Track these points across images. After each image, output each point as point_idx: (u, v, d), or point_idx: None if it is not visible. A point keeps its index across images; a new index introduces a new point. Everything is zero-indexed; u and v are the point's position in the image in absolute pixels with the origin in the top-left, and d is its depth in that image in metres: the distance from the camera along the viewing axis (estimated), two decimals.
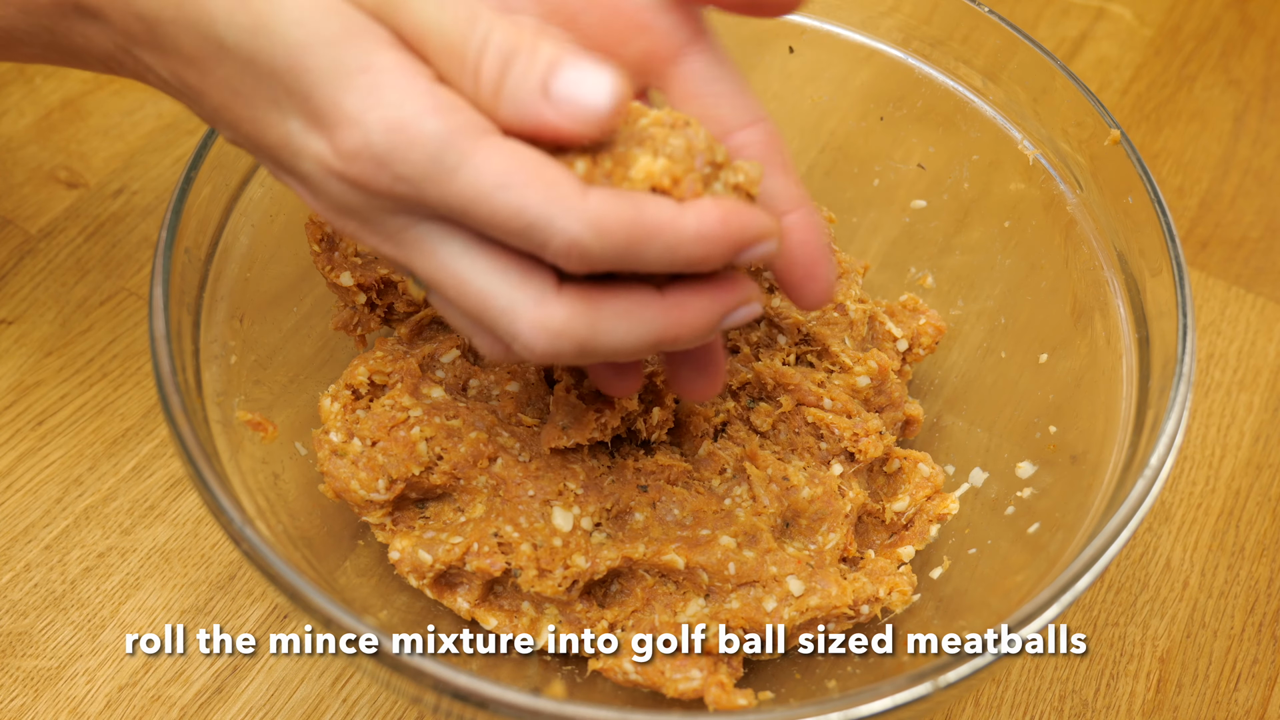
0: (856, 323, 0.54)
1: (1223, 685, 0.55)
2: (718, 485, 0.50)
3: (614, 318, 0.36)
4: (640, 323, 0.36)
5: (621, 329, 0.36)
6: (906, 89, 0.58)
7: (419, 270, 0.36)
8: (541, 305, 0.35)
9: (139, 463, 0.58)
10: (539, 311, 0.35)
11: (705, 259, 0.35)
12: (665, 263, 0.34)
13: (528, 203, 0.33)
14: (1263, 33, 0.83)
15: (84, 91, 0.72)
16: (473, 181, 0.33)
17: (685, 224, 0.34)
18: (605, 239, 0.33)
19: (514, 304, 0.35)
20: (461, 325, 0.38)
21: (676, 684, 0.45)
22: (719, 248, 0.35)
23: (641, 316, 0.36)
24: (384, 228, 0.36)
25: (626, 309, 0.36)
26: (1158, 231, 0.48)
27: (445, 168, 0.33)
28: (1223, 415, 0.64)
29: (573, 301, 0.35)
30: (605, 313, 0.35)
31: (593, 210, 0.33)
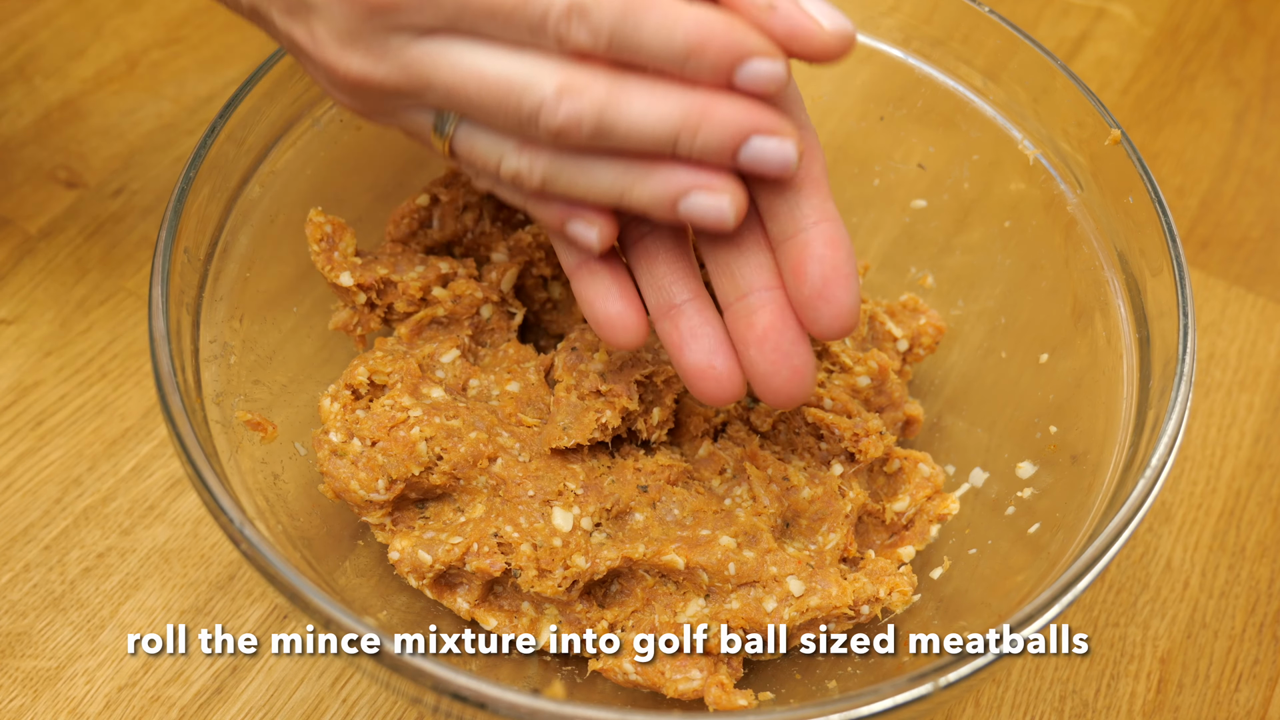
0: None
1: (1223, 686, 0.55)
2: (718, 485, 0.50)
3: (638, 87, 0.36)
4: (664, 98, 0.36)
5: (644, 100, 0.36)
6: (906, 89, 0.58)
7: (434, 80, 0.37)
8: (564, 68, 0.36)
9: (138, 463, 0.58)
10: (562, 73, 0.35)
11: (702, 49, 0.35)
12: (661, 44, 0.35)
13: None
14: (1263, 32, 0.83)
15: (84, 91, 0.72)
16: None
17: (685, 8, 0.35)
18: (604, 2, 0.34)
19: (537, 71, 0.36)
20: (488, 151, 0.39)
21: (676, 684, 0.45)
22: (719, 42, 0.35)
23: (667, 93, 0.36)
24: (388, 48, 0.37)
25: (651, 83, 0.36)
26: (1158, 231, 0.48)
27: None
28: (1223, 415, 0.64)
29: (595, 67, 0.36)
30: (629, 81, 0.36)
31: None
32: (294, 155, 0.52)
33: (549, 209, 0.41)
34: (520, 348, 0.53)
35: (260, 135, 0.51)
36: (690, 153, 0.37)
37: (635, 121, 0.36)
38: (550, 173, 0.38)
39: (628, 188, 0.38)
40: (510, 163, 0.39)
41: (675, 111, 0.36)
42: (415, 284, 0.51)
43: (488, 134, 0.39)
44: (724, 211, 0.38)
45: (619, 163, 0.38)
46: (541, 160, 0.38)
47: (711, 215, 0.38)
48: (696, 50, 0.35)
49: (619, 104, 0.36)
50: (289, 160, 0.52)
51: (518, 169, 0.38)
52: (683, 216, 0.38)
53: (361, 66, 0.38)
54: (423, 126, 0.40)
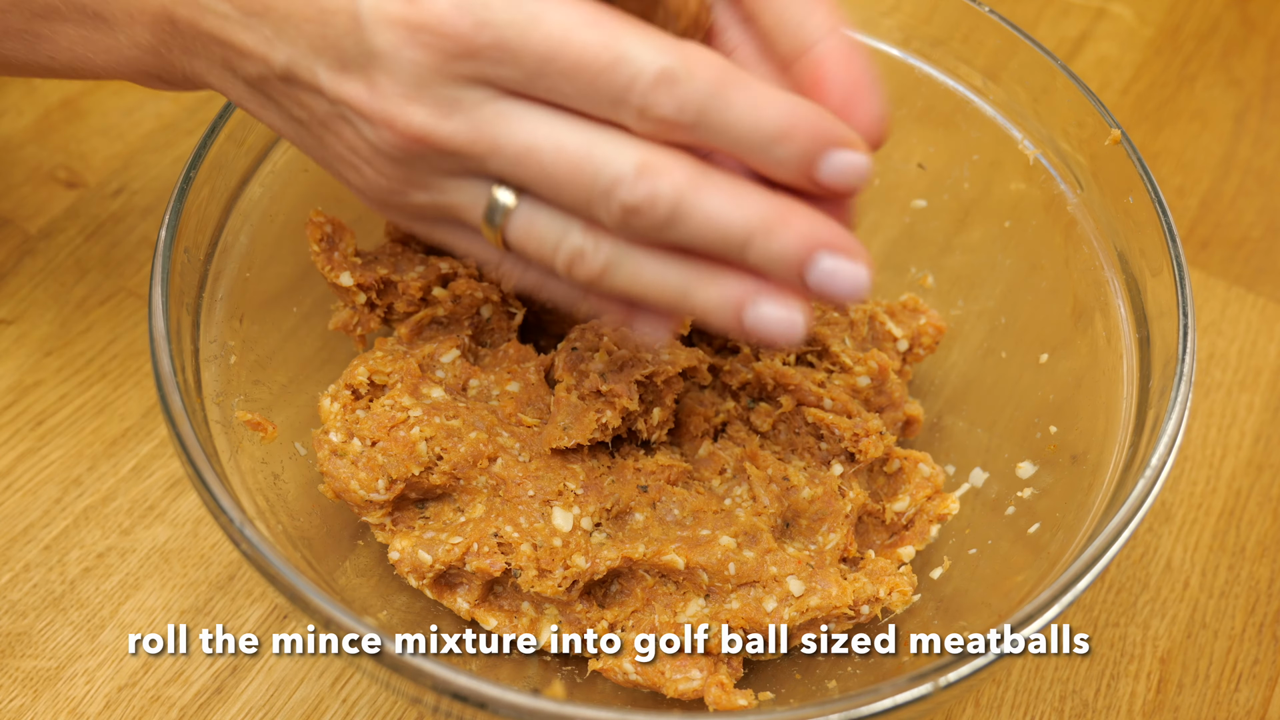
0: (857, 323, 0.54)
1: (1223, 686, 0.55)
2: (718, 485, 0.50)
3: (719, 180, 0.34)
4: (745, 196, 0.34)
5: (723, 195, 0.34)
6: (906, 89, 0.58)
7: (505, 142, 0.35)
8: (645, 148, 0.34)
9: (138, 463, 0.58)
10: (644, 151, 0.34)
11: (790, 134, 0.34)
12: (750, 125, 0.33)
13: (618, 36, 0.33)
14: (1263, 32, 0.83)
15: (83, 91, 0.72)
16: (558, 21, 0.33)
17: (774, 91, 0.34)
18: (696, 72, 0.33)
19: (617, 145, 0.34)
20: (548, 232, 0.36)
21: (676, 684, 0.45)
22: (806, 128, 0.34)
23: (747, 192, 0.34)
24: (461, 104, 0.35)
25: (733, 181, 0.34)
26: (1158, 231, 0.48)
27: (528, 11, 0.33)
28: (1223, 415, 0.64)
29: (678, 154, 0.34)
30: (711, 175, 0.34)
31: (685, 47, 0.33)
32: (294, 155, 0.52)
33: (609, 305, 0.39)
34: (520, 348, 0.53)
35: (260, 135, 0.51)
36: (761, 259, 0.35)
37: (711, 214, 0.34)
38: (613, 259, 0.36)
39: (691, 288, 0.36)
40: (573, 242, 0.36)
41: (754, 212, 0.34)
42: (415, 284, 0.51)
43: (550, 214, 0.36)
44: (795, 324, 0.36)
45: (685, 262, 0.36)
46: (606, 246, 0.36)
47: (781, 328, 0.36)
48: (785, 135, 0.34)
49: (698, 192, 0.34)
50: (289, 160, 0.52)
51: (581, 249, 0.36)
52: (748, 327, 0.36)
53: (426, 120, 0.35)
54: (471, 207, 0.37)
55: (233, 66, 0.38)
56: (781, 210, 0.34)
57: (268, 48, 0.37)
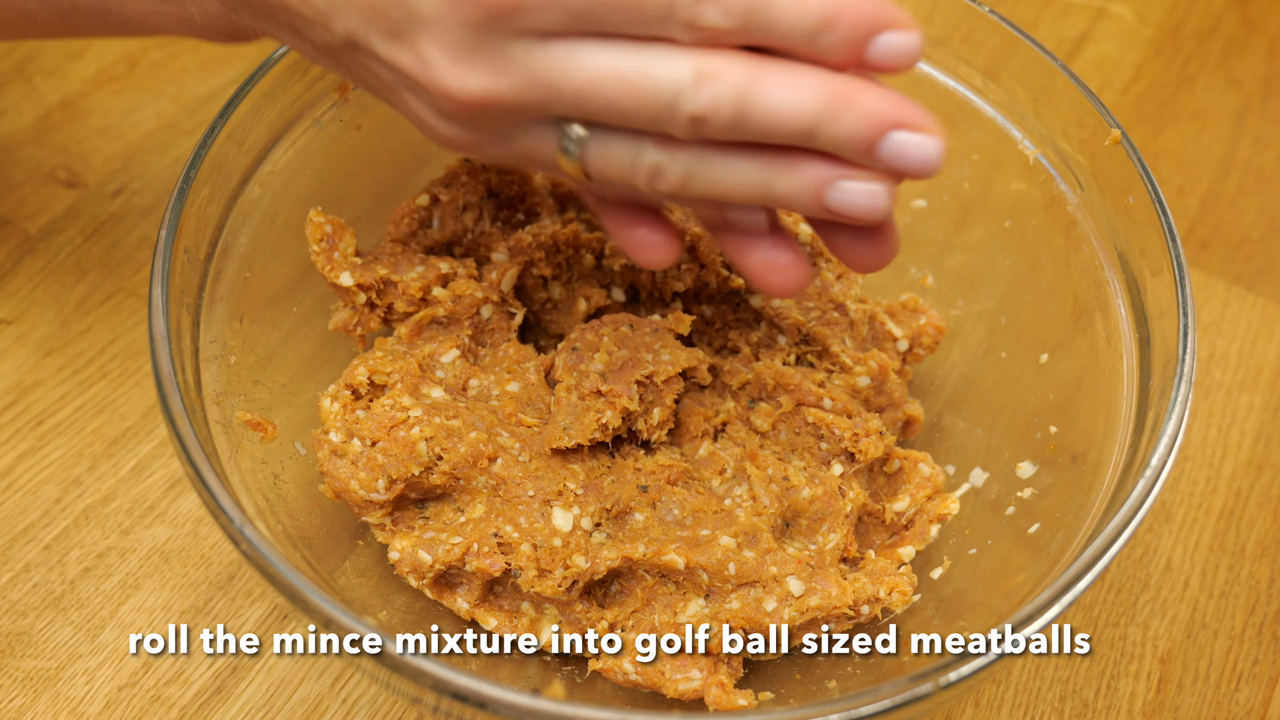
0: (856, 323, 0.54)
1: (1223, 686, 0.55)
2: (718, 485, 0.50)
3: (778, 71, 0.35)
4: (805, 83, 0.34)
5: (783, 85, 0.34)
6: (907, 89, 0.58)
7: (563, 85, 0.35)
8: (699, 56, 0.34)
9: (138, 463, 0.58)
10: (698, 60, 0.34)
11: (835, 22, 0.34)
12: (793, 18, 0.34)
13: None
14: (1263, 32, 0.83)
15: (83, 91, 0.72)
16: None
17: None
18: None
19: (672, 61, 0.34)
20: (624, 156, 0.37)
21: (676, 684, 0.45)
22: (851, 13, 0.34)
23: (808, 78, 0.35)
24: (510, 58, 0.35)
25: (792, 68, 0.35)
26: (1158, 231, 0.48)
27: None
28: (1223, 415, 0.64)
29: (732, 53, 0.35)
30: (768, 66, 0.35)
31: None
32: (294, 155, 0.52)
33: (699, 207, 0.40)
34: (520, 348, 0.53)
35: (260, 135, 0.51)
36: (830, 142, 0.35)
37: (775, 107, 0.34)
38: (691, 168, 0.37)
39: (770, 181, 0.36)
40: (649, 158, 0.37)
41: (817, 97, 0.34)
42: (415, 284, 0.51)
43: (622, 138, 0.37)
44: (877, 198, 0.36)
45: (760, 156, 0.36)
46: (681, 156, 0.37)
47: (863, 203, 0.36)
48: (830, 22, 0.34)
49: (758, 88, 0.34)
50: (289, 160, 0.52)
51: (658, 164, 0.37)
52: (832, 207, 0.36)
53: (482, 83, 0.35)
54: (546, 149, 0.38)
55: (301, 32, 0.39)
56: (844, 91, 0.35)
57: (328, 17, 0.37)
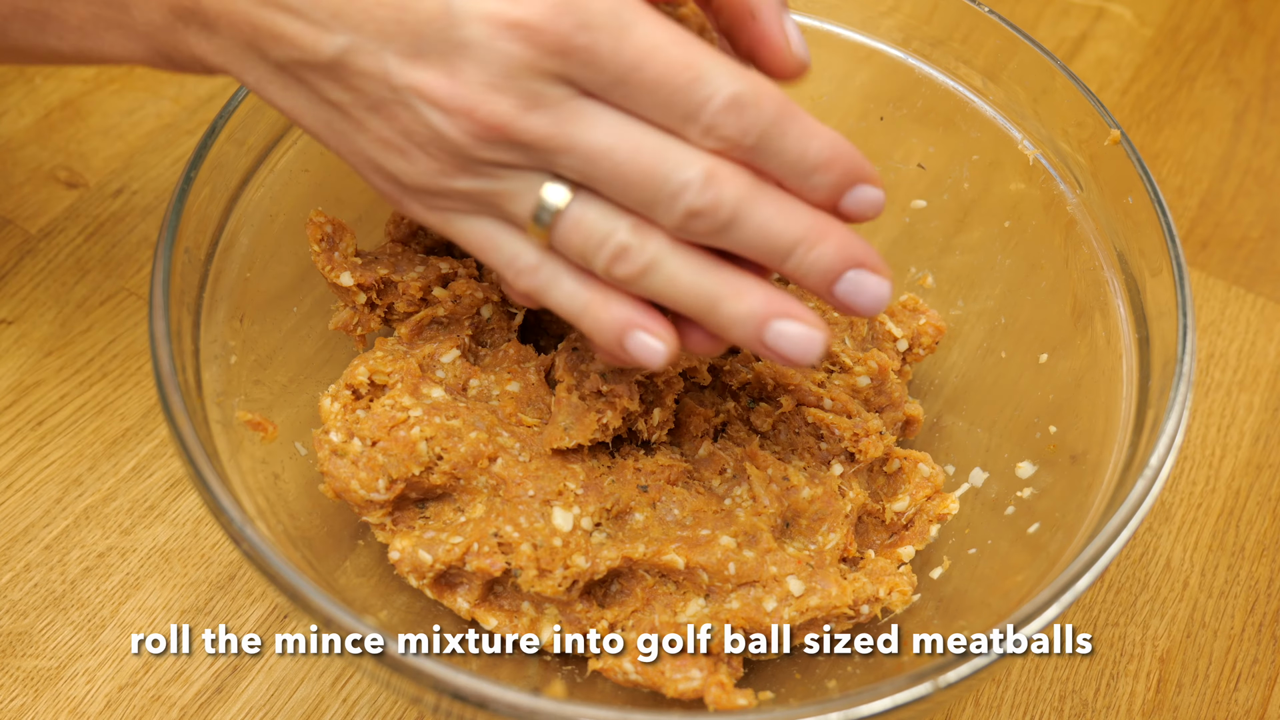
0: (856, 323, 0.54)
1: (1223, 685, 0.55)
2: (718, 485, 0.50)
3: (773, 195, 0.38)
4: (794, 210, 0.38)
5: (776, 207, 0.38)
6: (906, 89, 0.58)
7: (582, 139, 0.37)
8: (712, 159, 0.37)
9: (139, 463, 0.58)
10: (709, 161, 0.37)
11: (830, 165, 0.38)
12: (797, 154, 0.37)
13: (699, 57, 0.36)
14: (1263, 33, 0.83)
15: (84, 91, 0.72)
16: (648, 35, 0.36)
17: (821, 125, 0.38)
18: (761, 102, 0.36)
19: (689, 156, 0.37)
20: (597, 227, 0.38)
21: (676, 684, 0.45)
22: (843, 162, 0.38)
23: (796, 208, 0.38)
24: (546, 98, 0.36)
25: (783, 195, 0.38)
26: (1158, 231, 0.48)
27: (623, 21, 0.36)
28: (1223, 415, 0.64)
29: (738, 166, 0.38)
30: (766, 189, 0.38)
31: (754, 77, 0.37)
32: (294, 155, 0.52)
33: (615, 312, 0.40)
34: (520, 348, 0.53)
35: (260, 135, 0.51)
36: (800, 267, 0.38)
37: (763, 223, 0.38)
38: (658, 258, 0.38)
39: (721, 298, 0.39)
40: (620, 237, 0.38)
41: (800, 225, 0.38)
42: (415, 284, 0.51)
43: (602, 210, 0.38)
44: (814, 344, 0.39)
45: (724, 270, 0.39)
46: (652, 246, 0.38)
47: (800, 347, 0.39)
48: (826, 165, 0.38)
49: (755, 202, 0.37)
50: (289, 160, 0.52)
51: (627, 245, 0.38)
52: (768, 343, 0.39)
53: (509, 111, 0.36)
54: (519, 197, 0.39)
55: (259, 48, 0.39)
56: (823, 226, 0.38)
57: (317, 33, 0.37)
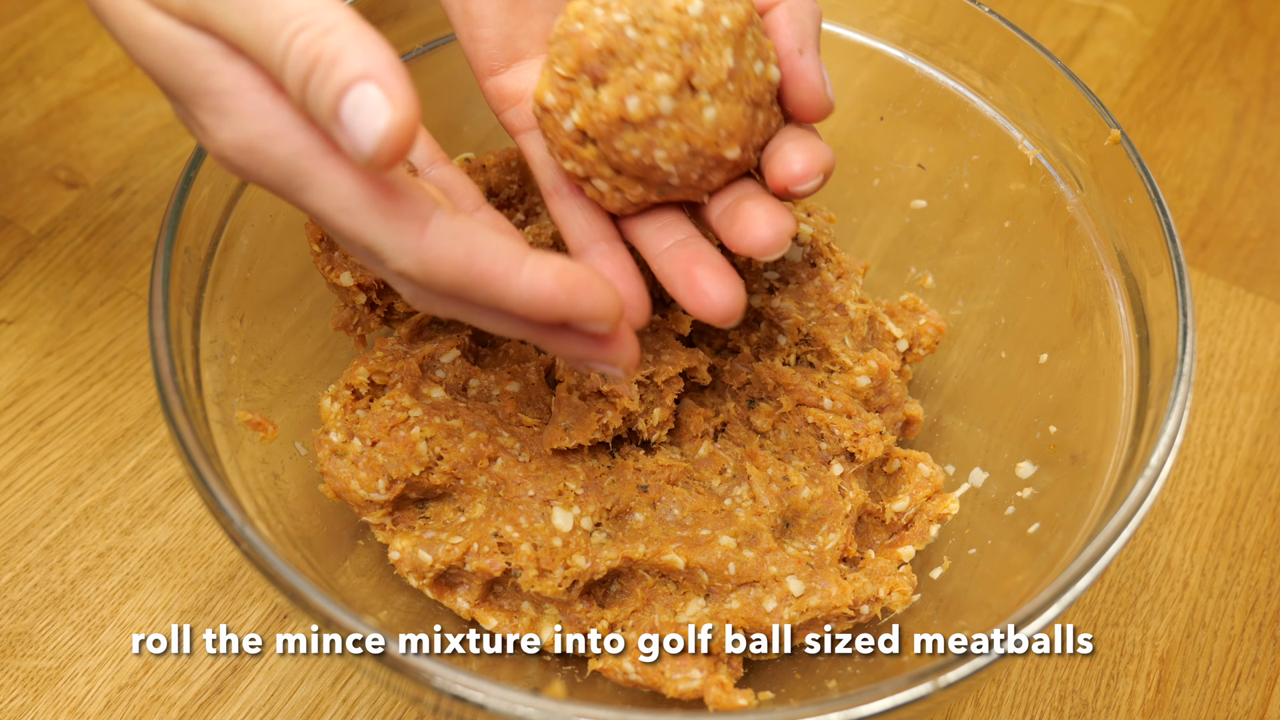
0: (856, 323, 0.54)
1: (1223, 685, 0.55)
2: (718, 485, 0.50)
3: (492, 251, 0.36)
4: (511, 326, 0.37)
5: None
6: (906, 89, 0.58)
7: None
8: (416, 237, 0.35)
9: (139, 463, 0.58)
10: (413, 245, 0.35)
11: (531, 318, 0.36)
12: (495, 310, 0.36)
13: (366, 230, 0.35)
14: (1263, 33, 0.83)
15: (84, 91, 0.72)
16: (318, 202, 0.35)
17: (514, 283, 0.35)
18: (433, 279, 0.35)
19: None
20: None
21: (676, 684, 0.45)
22: (546, 313, 0.35)
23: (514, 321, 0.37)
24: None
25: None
26: (1158, 231, 0.48)
27: (294, 187, 0.35)
28: (1223, 415, 0.64)
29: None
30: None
31: (425, 250, 0.35)
32: None
33: None
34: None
35: None
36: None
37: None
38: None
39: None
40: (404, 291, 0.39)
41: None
42: None
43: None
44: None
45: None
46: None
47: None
48: (523, 328, 0.37)
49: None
50: None
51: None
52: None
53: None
54: None
55: None
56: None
57: None
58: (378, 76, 0.32)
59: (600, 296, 0.36)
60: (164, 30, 0.35)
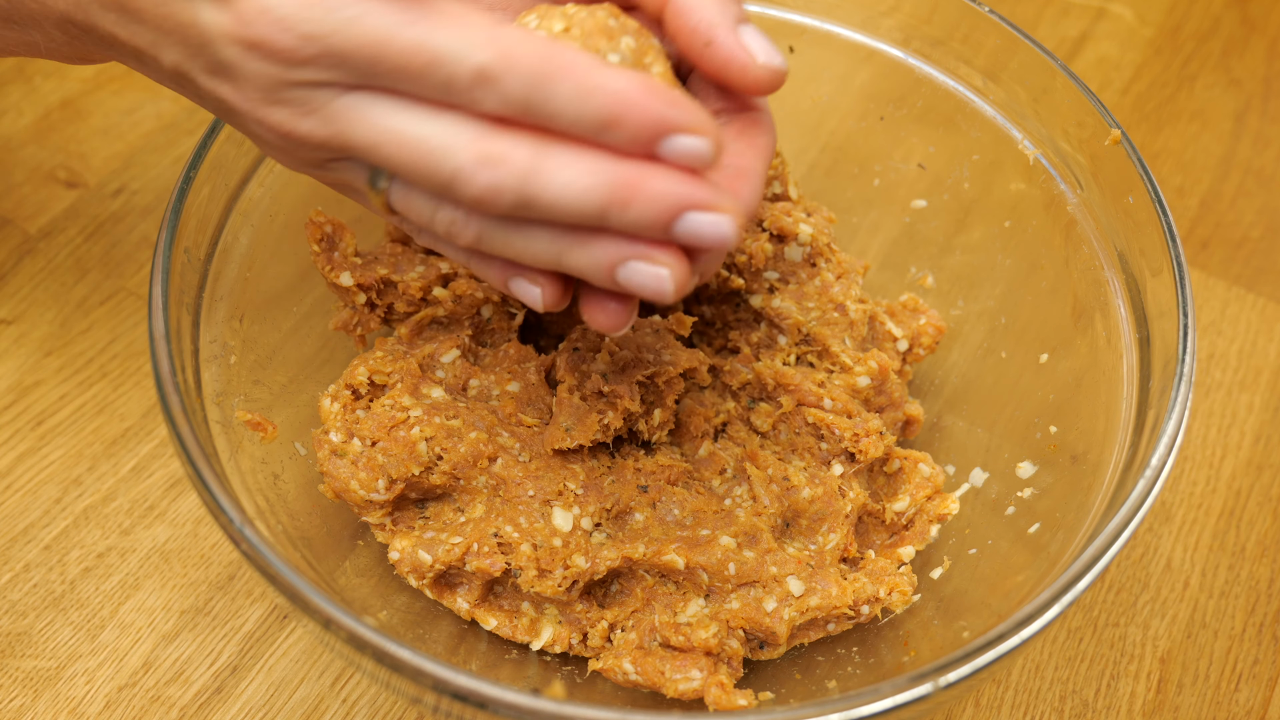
0: (856, 323, 0.54)
1: (1223, 686, 0.55)
2: (718, 485, 0.50)
3: (563, 157, 0.34)
4: (591, 170, 0.34)
5: (569, 173, 0.34)
6: (906, 89, 0.58)
7: (355, 139, 0.36)
8: (482, 136, 0.34)
9: (138, 463, 0.58)
10: (480, 142, 0.34)
11: (619, 121, 0.33)
12: (575, 114, 0.33)
13: (435, 35, 0.33)
14: (1263, 32, 0.83)
15: (83, 91, 0.72)
16: (376, 23, 0.34)
17: (602, 75, 0.33)
18: (514, 68, 0.33)
19: (453, 136, 0.34)
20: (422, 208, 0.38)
21: (676, 684, 0.45)
22: (636, 114, 0.33)
23: (595, 164, 0.34)
24: (311, 103, 0.36)
25: (578, 153, 0.34)
26: (1158, 231, 0.48)
27: (345, 17, 0.34)
28: (1223, 415, 0.64)
29: (516, 134, 0.34)
30: (554, 150, 0.34)
31: (503, 40, 0.33)
32: None
33: (489, 269, 0.40)
34: (521, 348, 0.53)
35: None
36: (622, 227, 0.35)
37: (559, 195, 0.34)
38: (483, 233, 0.37)
39: (562, 253, 0.36)
40: (443, 218, 0.37)
41: (603, 185, 0.34)
42: (415, 284, 0.51)
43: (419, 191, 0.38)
44: (663, 282, 0.36)
45: (553, 229, 0.36)
46: (474, 222, 0.37)
47: (651, 285, 0.36)
48: (613, 122, 0.33)
49: (541, 176, 0.34)
50: None
51: (451, 225, 0.37)
52: (621, 285, 0.36)
53: (286, 120, 0.36)
54: (357, 182, 0.39)
55: (143, 61, 0.40)
56: (633, 178, 0.34)
57: (156, 51, 0.38)
58: None
59: (690, 106, 0.34)
60: None
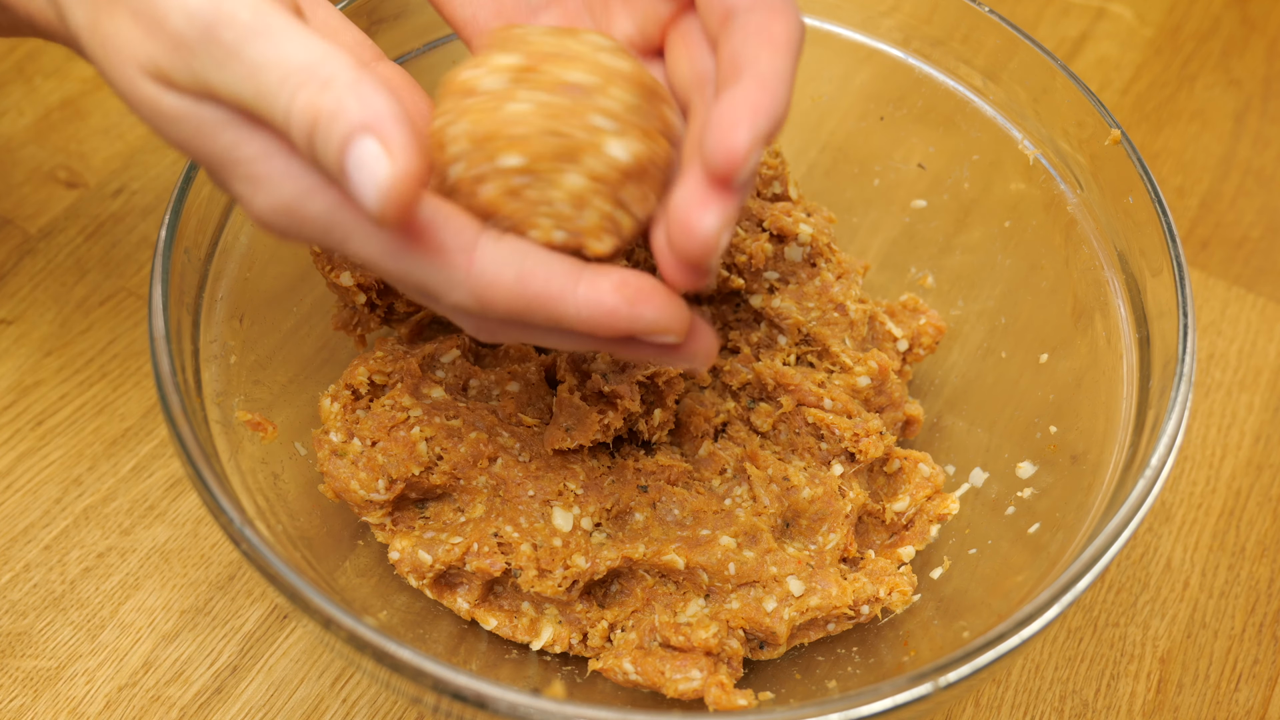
0: (856, 323, 0.54)
1: (1223, 686, 0.55)
2: (718, 485, 0.50)
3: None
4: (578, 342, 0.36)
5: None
6: (906, 89, 0.58)
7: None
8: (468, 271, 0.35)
9: (139, 463, 0.58)
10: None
11: (595, 334, 0.35)
12: (558, 330, 0.36)
13: (414, 271, 0.35)
14: (1263, 32, 0.83)
15: (84, 91, 0.72)
16: (363, 250, 0.35)
17: (571, 301, 0.34)
18: (489, 307, 0.35)
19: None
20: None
21: (676, 684, 0.45)
22: (608, 329, 0.35)
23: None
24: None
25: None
26: (1158, 231, 0.48)
27: (336, 240, 0.35)
28: (1223, 415, 0.64)
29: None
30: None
31: (475, 279, 0.34)
32: None
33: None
34: (521, 347, 0.53)
35: None
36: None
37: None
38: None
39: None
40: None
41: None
42: None
43: None
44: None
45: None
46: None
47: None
48: (588, 337, 0.36)
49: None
50: None
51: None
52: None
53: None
54: None
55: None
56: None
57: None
58: (376, 128, 0.31)
59: (663, 307, 0.35)
60: (181, 108, 0.34)
